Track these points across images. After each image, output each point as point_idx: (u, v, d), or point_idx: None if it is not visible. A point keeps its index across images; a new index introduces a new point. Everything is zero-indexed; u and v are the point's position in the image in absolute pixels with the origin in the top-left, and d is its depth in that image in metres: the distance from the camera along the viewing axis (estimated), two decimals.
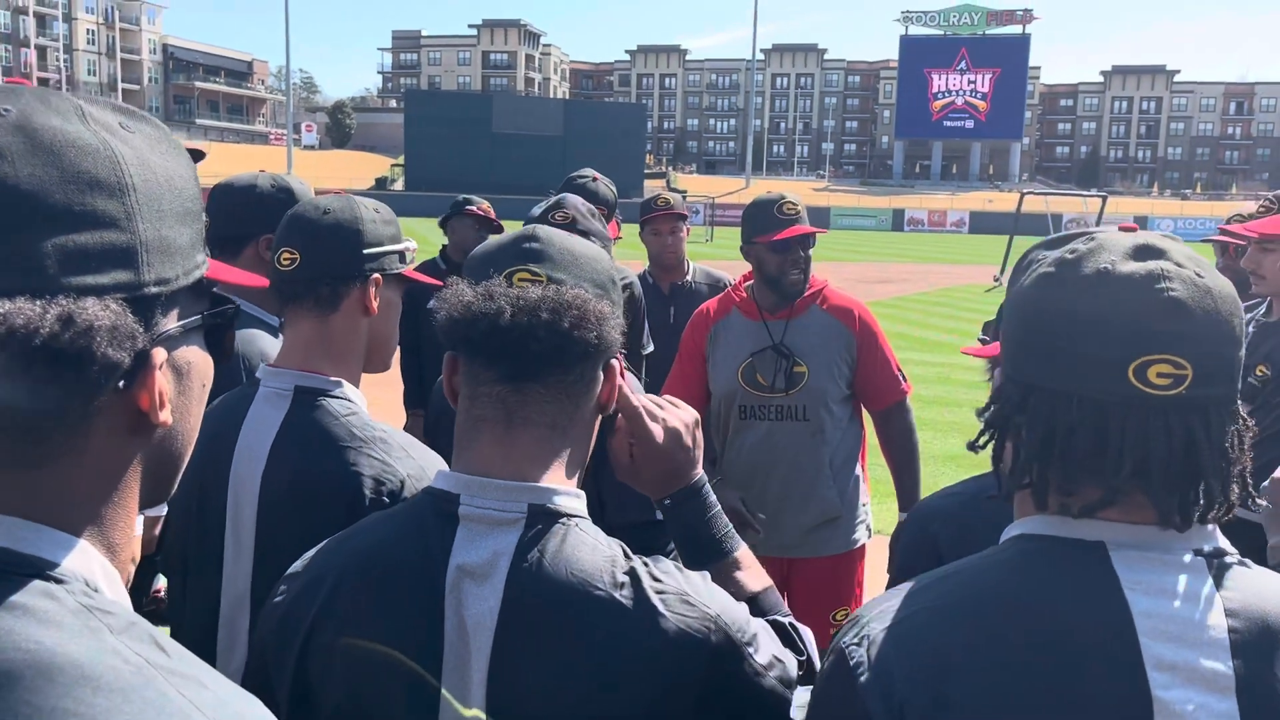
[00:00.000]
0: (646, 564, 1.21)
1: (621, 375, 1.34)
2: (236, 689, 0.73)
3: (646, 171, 70.93)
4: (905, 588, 1.11)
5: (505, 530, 1.19)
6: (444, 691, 1.17)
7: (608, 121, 69.91)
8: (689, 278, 4.84)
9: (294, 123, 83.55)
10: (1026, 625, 1.01)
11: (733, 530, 1.43)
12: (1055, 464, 1.04)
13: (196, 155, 4.28)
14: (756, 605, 1.35)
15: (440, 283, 1.41)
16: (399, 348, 2.18)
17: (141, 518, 3.54)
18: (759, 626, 1.25)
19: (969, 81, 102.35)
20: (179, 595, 1.95)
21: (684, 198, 5.56)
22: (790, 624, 1.36)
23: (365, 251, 1.83)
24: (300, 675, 1.24)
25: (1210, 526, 1.05)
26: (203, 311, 0.83)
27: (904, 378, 3.54)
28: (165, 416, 0.77)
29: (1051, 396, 1.04)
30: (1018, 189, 38.84)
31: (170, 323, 0.78)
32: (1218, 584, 1.01)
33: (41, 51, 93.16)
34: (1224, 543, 1.06)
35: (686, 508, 1.40)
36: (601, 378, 1.29)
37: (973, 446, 1.15)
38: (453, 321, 1.22)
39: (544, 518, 1.20)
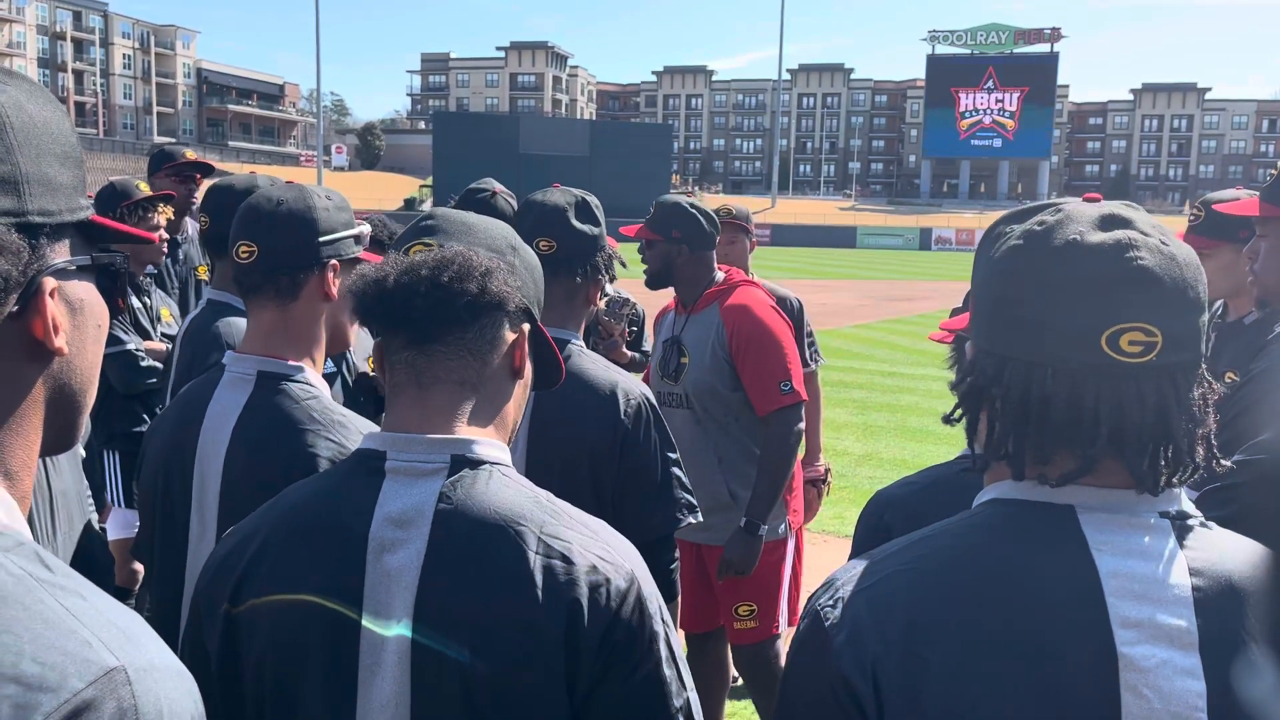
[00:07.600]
0: (569, 510, 1.29)
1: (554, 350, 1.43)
2: (117, 604, 0.75)
3: (672, 191, 71.15)
4: (878, 551, 1.13)
5: (429, 479, 1.24)
6: (365, 622, 1.21)
7: (634, 142, 70.15)
8: None
9: (324, 144, 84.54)
10: (997, 585, 1.03)
11: None
12: (1031, 434, 1.06)
13: None
14: None
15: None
16: None
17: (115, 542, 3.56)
18: (671, 627, 1.28)
19: (997, 100, 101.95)
20: (148, 575, 2.02)
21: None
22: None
23: (320, 240, 1.89)
24: (229, 628, 1.28)
25: (1177, 490, 1.07)
26: (92, 253, 0.86)
27: (791, 390, 3.50)
28: (61, 343, 0.80)
29: (1026, 368, 1.05)
30: None
31: (59, 255, 0.82)
32: (1181, 544, 1.04)
33: (79, 76, 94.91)
34: (1189, 505, 1.07)
35: None
36: (509, 338, 1.33)
37: (948, 419, 1.16)
38: (352, 296, 1.31)
39: (466, 465, 1.26)
